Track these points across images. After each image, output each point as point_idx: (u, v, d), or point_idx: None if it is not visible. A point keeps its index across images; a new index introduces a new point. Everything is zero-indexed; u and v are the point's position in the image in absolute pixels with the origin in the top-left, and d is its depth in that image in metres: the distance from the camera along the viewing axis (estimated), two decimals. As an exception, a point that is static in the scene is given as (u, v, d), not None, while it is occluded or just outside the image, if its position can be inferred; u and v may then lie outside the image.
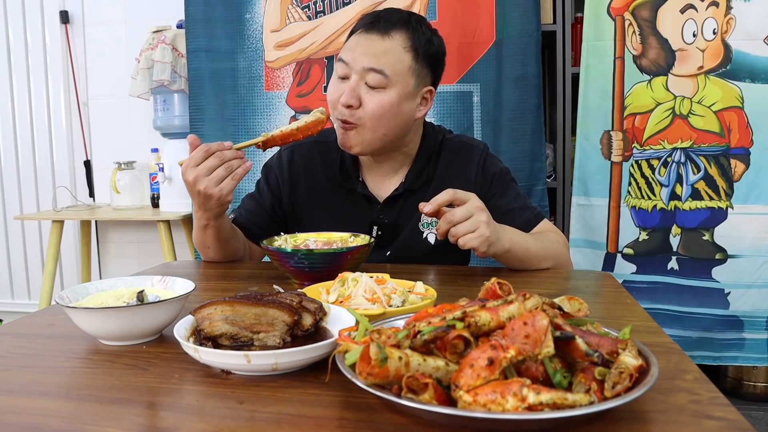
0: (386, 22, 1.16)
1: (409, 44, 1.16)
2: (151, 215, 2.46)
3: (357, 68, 1.14)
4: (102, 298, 0.79)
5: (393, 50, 1.15)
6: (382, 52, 1.14)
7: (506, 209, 1.24)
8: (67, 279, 3.02)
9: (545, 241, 1.17)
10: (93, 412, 0.56)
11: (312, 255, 1.03)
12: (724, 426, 0.50)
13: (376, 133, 1.17)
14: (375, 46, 1.14)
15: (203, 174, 1.03)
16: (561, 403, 0.46)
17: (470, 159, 1.28)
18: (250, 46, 2.29)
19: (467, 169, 1.28)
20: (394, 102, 1.15)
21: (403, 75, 1.16)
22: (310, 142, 1.31)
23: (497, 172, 1.28)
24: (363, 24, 1.18)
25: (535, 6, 2.05)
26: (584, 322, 0.60)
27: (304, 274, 1.04)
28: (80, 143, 2.91)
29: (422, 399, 0.48)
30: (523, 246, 1.11)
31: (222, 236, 1.19)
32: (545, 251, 1.15)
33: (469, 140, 1.34)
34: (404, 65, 1.16)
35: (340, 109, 1.16)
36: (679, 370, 0.62)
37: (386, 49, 1.14)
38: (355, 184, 1.28)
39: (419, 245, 1.27)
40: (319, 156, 1.31)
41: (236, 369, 0.63)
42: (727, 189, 2.00)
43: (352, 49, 1.16)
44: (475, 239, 1.00)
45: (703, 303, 2.03)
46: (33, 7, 2.87)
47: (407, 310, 0.79)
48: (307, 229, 1.25)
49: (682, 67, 1.99)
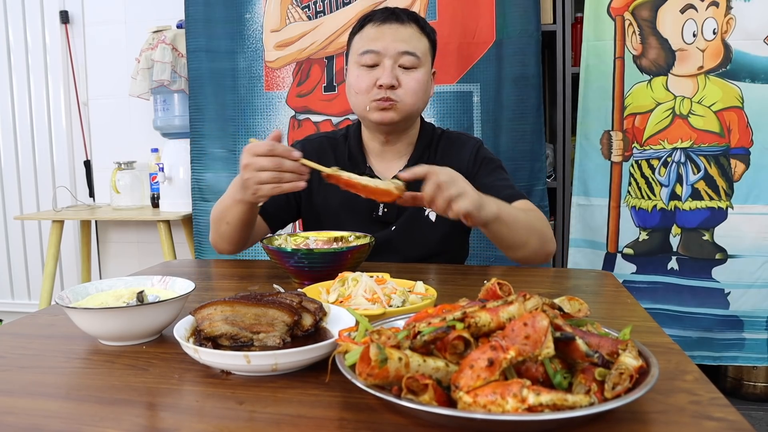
0: (400, 13, 1.31)
1: (422, 31, 1.32)
2: (151, 215, 2.46)
3: (391, 53, 1.27)
4: (102, 299, 0.79)
5: (415, 35, 1.30)
6: (408, 37, 1.29)
7: (490, 185, 1.26)
8: (67, 279, 3.02)
9: (529, 215, 1.20)
10: (93, 412, 0.56)
11: (312, 255, 1.03)
12: (724, 427, 0.50)
13: (414, 106, 1.31)
14: (401, 32, 1.29)
15: (253, 167, 1.04)
16: (561, 404, 0.46)
17: (465, 149, 1.40)
18: (250, 46, 2.29)
19: (462, 157, 1.38)
20: (425, 78, 1.31)
21: (426, 55, 1.32)
22: (319, 137, 1.46)
23: (487, 158, 1.38)
24: (380, 17, 1.31)
25: (535, 6, 2.05)
26: (584, 323, 0.60)
27: (304, 273, 1.04)
28: (80, 143, 2.91)
29: (422, 400, 0.48)
30: (510, 214, 1.12)
31: (245, 218, 1.20)
32: (530, 224, 1.17)
33: (466, 135, 1.45)
34: (425, 47, 1.32)
35: (374, 92, 1.27)
36: (679, 371, 0.62)
37: (411, 35, 1.30)
38: (363, 168, 1.37)
39: (422, 221, 1.35)
40: (330, 147, 1.42)
41: (236, 369, 0.63)
42: (727, 189, 2.00)
43: (380, 39, 1.28)
44: (465, 201, 1.00)
45: (703, 303, 2.03)
46: (33, 7, 2.87)
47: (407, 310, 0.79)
48: (319, 211, 1.36)
49: (682, 67, 1.99)
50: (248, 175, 1.05)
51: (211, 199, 2.31)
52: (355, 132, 1.42)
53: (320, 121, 2.26)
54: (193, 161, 2.34)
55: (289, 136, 2.28)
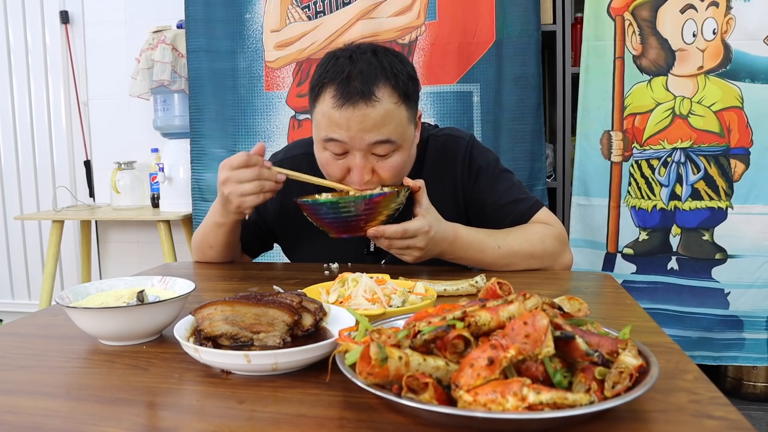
0: (364, 84, 1.02)
1: (396, 95, 1.04)
2: (151, 215, 2.46)
3: (361, 147, 1.05)
4: (102, 298, 0.79)
5: (388, 113, 1.03)
6: (380, 120, 1.03)
7: (497, 206, 1.21)
8: (67, 279, 3.02)
9: (529, 244, 1.15)
10: (93, 412, 0.56)
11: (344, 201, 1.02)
12: (725, 426, 0.50)
13: (397, 180, 1.12)
14: (369, 117, 1.02)
15: (233, 180, 1.04)
16: (561, 403, 0.46)
17: (455, 154, 1.23)
18: (250, 46, 2.29)
19: (452, 165, 1.23)
20: (405, 156, 1.11)
21: (405, 130, 1.08)
22: (298, 154, 1.29)
23: (483, 166, 1.22)
24: (342, 95, 1.02)
25: (535, 6, 2.05)
26: (584, 322, 0.60)
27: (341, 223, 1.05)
28: (80, 143, 2.91)
29: (422, 399, 0.48)
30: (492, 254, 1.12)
31: (230, 239, 1.20)
32: (526, 252, 1.14)
33: (454, 132, 1.27)
34: (403, 120, 1.07)
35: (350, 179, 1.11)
36: (679, 370, 0.62)
37: (383, 115, 1.03)
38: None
39: None
40: (307, 166, 1.20)
41: (236, 369, 0.63)
42: (727, 189, 2.00)
43: (345, 128, 1.03)
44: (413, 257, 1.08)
45: (703, 303, 2.03)
46: (33, 7, 2.87)
47: (407, 310, 0.79)
48: (300, 238, 1.26)
49: (682, 67, 1.99)
50: (230, 189, 1.05)
51: (210, 199, 2.31)
52: None
53: (320, 121, 2.26)
54: (193, 161, 2.35)
55: (289, 136, 2.28)
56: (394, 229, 1.03)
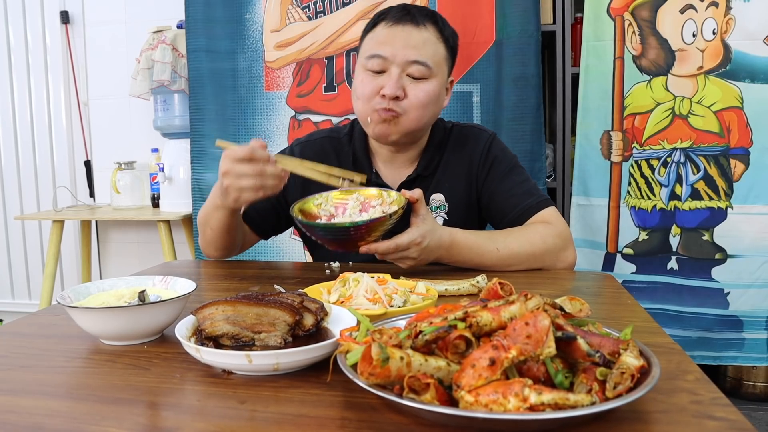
0: (418, 13, 1.17)
1: (440, 35, 1.19)
2: (152, 215, 2.46)
3: (399, 61, 1.15)
4: (103, 298, 0.80)
5: (430, 41, 1.17)
6: (421, 43, 1.15)
7: (506, 195, 1.24)
8: (68, 279, 3.02)
9: (530, 244, 1.15)
10: (94, 411, 0.56)
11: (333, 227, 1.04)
12: (726, 426, 0.50)
13: (419, 122, 1.19)
14: (414, 37, 1.15)
15: (233, 173, 1.03)
16: (563, 404, 0.46)
17: (476, 144, 1.30)
18: (250, 46, 2.29)
19: (472, 153, 1.29)
20: (436, 91, 1.18)
21: (441, 65, 1.19)
22: (322, 137, 1.34)
23: (499, 156, 1.28)
24: (393, 16, 1.17)
25: (535, 6, 2.05)
26: (585, 323, 0.60)
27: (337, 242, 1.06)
28: (80, 143, 2.91)
29: (424, 399, 0.48)
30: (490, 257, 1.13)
31: (227, 224, 1.18)
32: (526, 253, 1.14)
33: (478, 127, 1.35)
34: (441, 56, 1.19)
35: (377, 101, 1.16)
36: (680, 371, 0.62)
37: (425, 40, 1.16)
38: (369, 173, 1.28)
39: None
40: (332, 150, 1.31)
41: (237, 369, 0.63)
42: (727, 189, 2.00)
43: (390, 43, 1.15)
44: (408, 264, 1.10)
45: (702, 303, 2.03)
46: (33, 7, 2.87)
47: (409, 310, 0.79)
48: None
49: (681, 67, 1.99)
50: (228, 181, 1.03)
51: (211, 199, 2.31)
52: (360, 132, 1.30)
53: (320, 121, 2.26)
54: (193, 161, 2.34)
55: (290, 136, 2.28)
56: (386, 246, 1.05)
